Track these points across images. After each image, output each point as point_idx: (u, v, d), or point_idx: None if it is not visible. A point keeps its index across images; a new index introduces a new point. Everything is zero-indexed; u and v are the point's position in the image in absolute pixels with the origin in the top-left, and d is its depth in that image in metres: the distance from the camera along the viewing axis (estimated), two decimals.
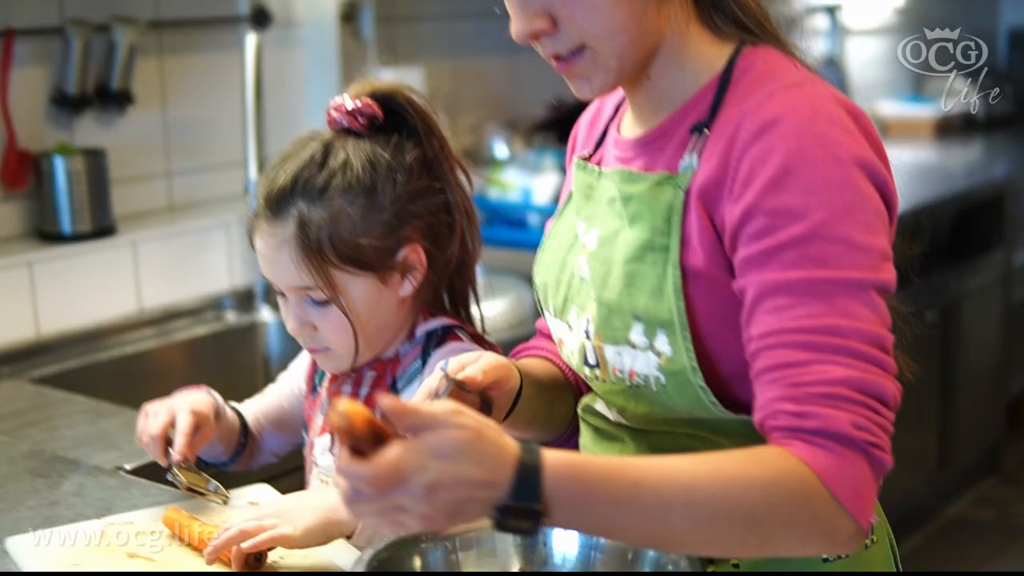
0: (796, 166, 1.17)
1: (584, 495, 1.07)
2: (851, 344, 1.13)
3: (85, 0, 2.59)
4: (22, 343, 2.43)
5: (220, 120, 2.85)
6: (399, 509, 1.04)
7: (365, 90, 1.56)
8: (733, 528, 1.11)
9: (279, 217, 1.51)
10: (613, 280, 1.27)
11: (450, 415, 1.05)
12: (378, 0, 3.11)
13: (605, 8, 1.22)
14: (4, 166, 2.51)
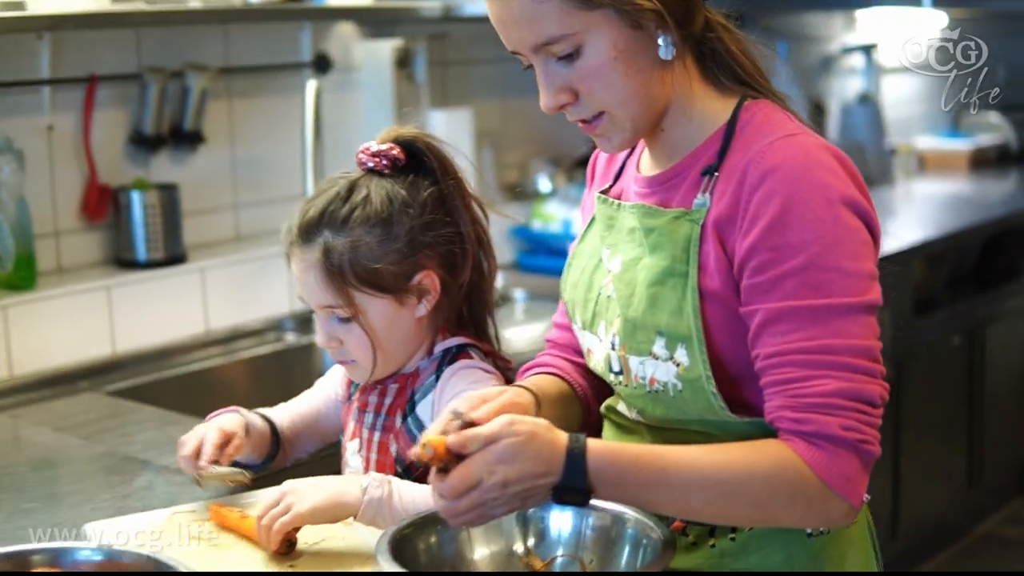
0: (794, 207, 1.39)
1: (621, 477, 1.34)
2: (843, 359, 1.36)
3: (161, 49, 2.85)
4: (99, 360, 2.68)
5: (283, 157, 3.09)
6: (483, 506, 1.31)
7: (390, 136, 1.78)
8: (740, 508, 1.38)
9: (308, 244, 1.74)
10: (637, 300, 1.49)
11: (505, 427, 1.31)
12: (430, 46, 3.33)
13: (617, 82, 1.44)
14: (86, 199, 2.78)
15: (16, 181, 2.59)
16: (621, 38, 1.42)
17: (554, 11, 1.41)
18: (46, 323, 2.61)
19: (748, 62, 1.53)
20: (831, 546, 1.52)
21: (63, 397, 2.52)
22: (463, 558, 1.45)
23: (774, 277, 1.39)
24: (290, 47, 3.13)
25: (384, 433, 1.79)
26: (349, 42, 3.24)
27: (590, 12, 1.41)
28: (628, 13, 1.41)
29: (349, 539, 1.64)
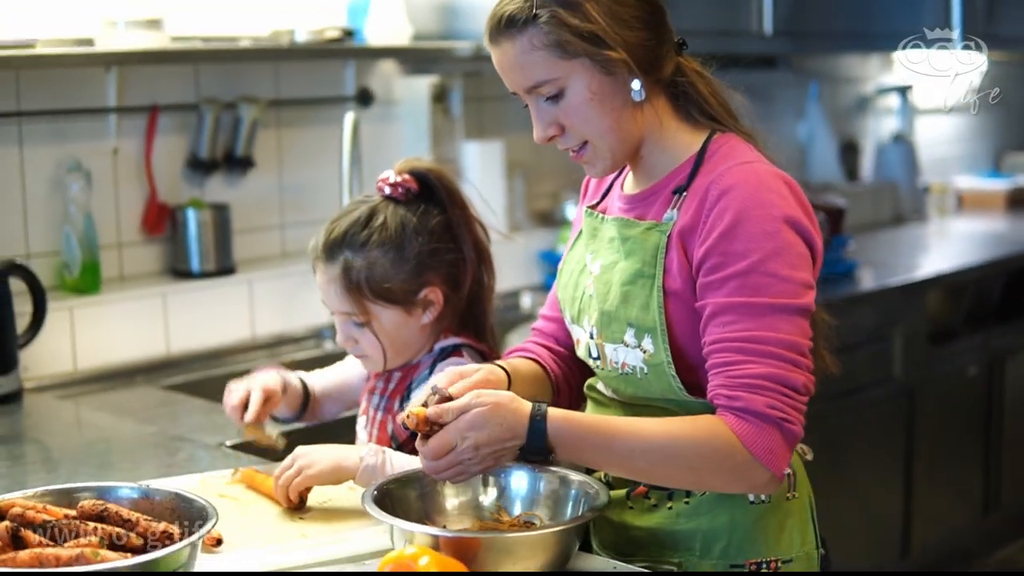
0: (742, 221, 1.63)
1: (576, 441, 1.60)
2: (772, 349, 1.60)
3: (217, 82, 3.14)
4: (155, 358, 2.98)
5: (326, 182, 3.36)
6: (460, 465, 1.58)
7: (407, 167, 2.06)
8: (676, 471, 1.63)
9: (331, 260, 2.03)
10: (612, 297, 1.74)
11: (473, 398, 1.58)
12: (466, 83, 3.59)
13: (594, 118, 1.69)
14: (146, 215, 3.07)
15: (84, 198, 2.89)
16: (595, 82, 1.68)
17: (540, 60, 1.67)
18: (108, 324, 2.90)
19: (717, 102, 1.78)
20: (770, 514, 1.74)
21: (121, 389, 2.82)
22: (438, 507, 1.71)
23: (722, 277, 1.63)
24: (335, 82, 3.40)
25: (384, 414, 2.05)
26: (390, 78, 3.51)
27: (570, 61, 1.66)
28: (601, 62, 1.67)
29: (352, 499, 1.90)
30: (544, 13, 1.64)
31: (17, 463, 2.29)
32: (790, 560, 1.74)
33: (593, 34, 1.65)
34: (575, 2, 1.65)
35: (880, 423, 3.82)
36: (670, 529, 1.74)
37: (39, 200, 2.90)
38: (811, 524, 1.80)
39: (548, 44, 1.65)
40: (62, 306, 2.83)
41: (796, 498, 1.77)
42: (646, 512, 1.75)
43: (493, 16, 1.70)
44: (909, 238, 4.82)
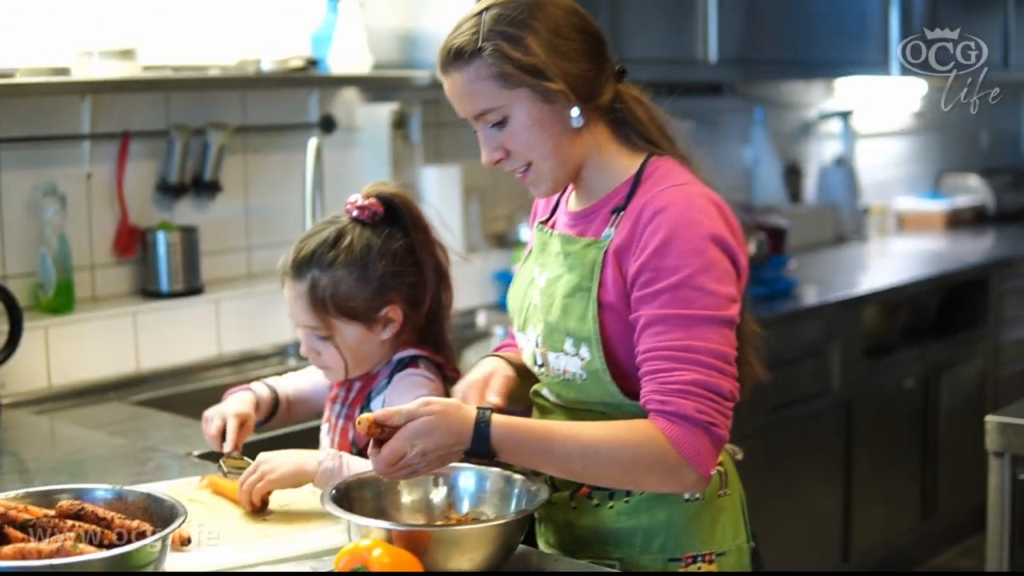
0: (673, 239, 1.78)
1: (517, 445, 1.74)
2: (700, 358, 1.75)
3: (185, 109, 3.29)
4: (125, 375, 3.12)
5: (291, 206, 3.51)
6: (408, 467, 1.71)
7: (374, 191, 2.20)
8: (611, 472, 1.77)
9: (298, 278, 2.17)
10: (554, 309, 1.89)
11: (421, 407, 1.72)
12: (424, 110, 3.75)
13: (536, 143, 1.84)
14: (117, 238, 3.21)
15: (59, 221, 3.03)
16: (536, 110, 1.82)
17: (486, 89, 1.82)
18: (80, 342, 3.04)
19: (654, 127, 1.93)
20: (704, 511, 1.90)
21: (93, 405, 2.96)
22: (393, 506, 1.86)
23: (655, 291, 1.78)
24: (299, 109, 3.56)
25: (345, 421, 2.21)
26: (352, 106, 3.67)
27: (512, 90, 1.81)
28: (541, 92, 1.82)
29: (312, 502, 2.04)
30: (488, 46, 1.79)
31: None
32: (723, 553, 1.90)
33: (533, 66, 1.79)
34: (517, 36, 1.79)
35: (820, 434, 4.00)
36: (612, 527, 1.89)
37: (15, 223, 3.03)
38: (742, 519, 1.96)
39: (492, 75, 1.80)
40: (37, 325, 2.96)
41: (728, 495, 1.93)
42: (589, 512, 1.91)
43: (443, 48, 1.85)
44: (849, 257, 5.02)
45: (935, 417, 4.49)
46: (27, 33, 2.98)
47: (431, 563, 1.66)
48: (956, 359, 4.62)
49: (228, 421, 2.20)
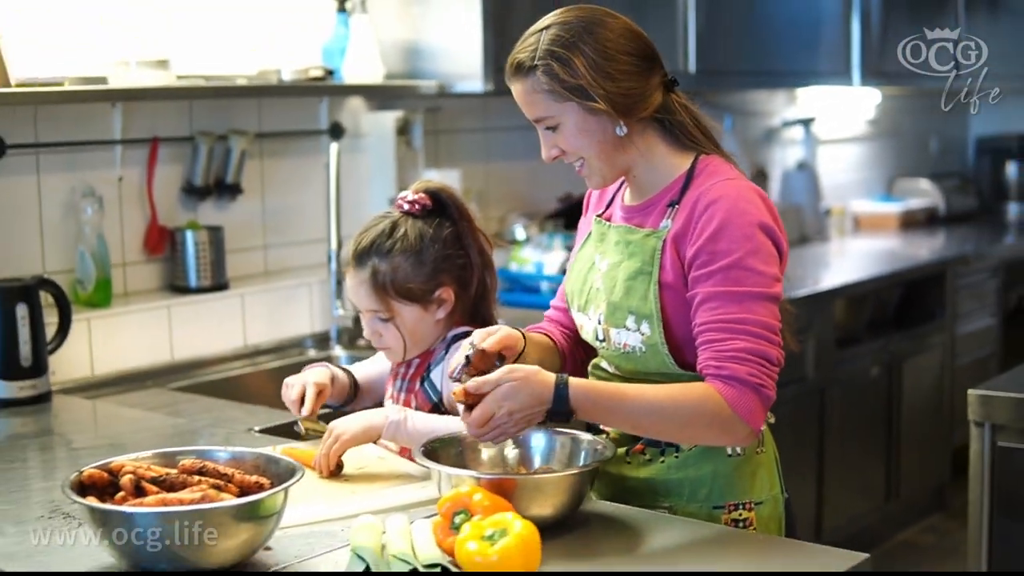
0: (725, 227, 2.02)
1: (592, 404, 1.97)
2: (751, 328, 1.99)
3: (210, 117, 3.49)
4: (162, 364, 3.32)
5: (304, 207, 3.73)
6: (498, 429, 1.94)
7: (421, 187, 2.43)
8: (674, 427, 2.01)
9: (360, 266, 2.38)
10: (617, 290, 2.12)
11: (505, 374, 1.94)
12: (426, 118, 3.97)
13: (584, 147, 2.08)
14: (147, 237, 3.40)
15: (97, 220, 3.22)
16: (582, 120, 2.07)
17: (540, 100, 2.07)
18: (119, 334, 3.23)
19: (700, 130, 2.17)
20: (745, 465, 2.14)
21: (133, 391, 3.15)
22: (473, 462, 2.08)
23: (710, 271, 2.02)
24: (311, 117, 3.77)
25: (407, 394, 2.42)
26: (358, 113, 3.89)
27: (562, 103, 2.05)
28: (586, 107, 2.05)
29: (384, 466, 2.27)
30: (541, 65, 2.04)
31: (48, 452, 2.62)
32: (761, 502, 2.14)
33: (579, 87, 2.03)
34: (566, 57, 2.03)
35: (795, 419, 4.26)
36: (662, 479, 2.13)
37: (54, 223, 3.22)
38: (777, 474, 2.20)
39: (545, 89, 2.05)
40: (80, 318, 3.14)
41: (764, 452, 2.17)
42: (642, 466, 2.15)
43: (510, 61, 2.09)
44: (813, 256, 5.30)
45: (898, 404, 4.78)
46: (67, 45, 3.17)
47: (516, 509, 1.87)
48: (917, 350, 4.92)
49: (307, 388, 2.41)
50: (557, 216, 4.36)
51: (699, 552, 1.91)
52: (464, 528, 1.77)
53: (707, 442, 2.08)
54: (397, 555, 1.75)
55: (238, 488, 1.87)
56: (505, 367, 1.97)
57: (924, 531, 4.98)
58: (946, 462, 5.14)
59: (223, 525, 1.75)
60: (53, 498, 2.19)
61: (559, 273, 3.98)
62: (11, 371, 2.92)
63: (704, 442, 2.08)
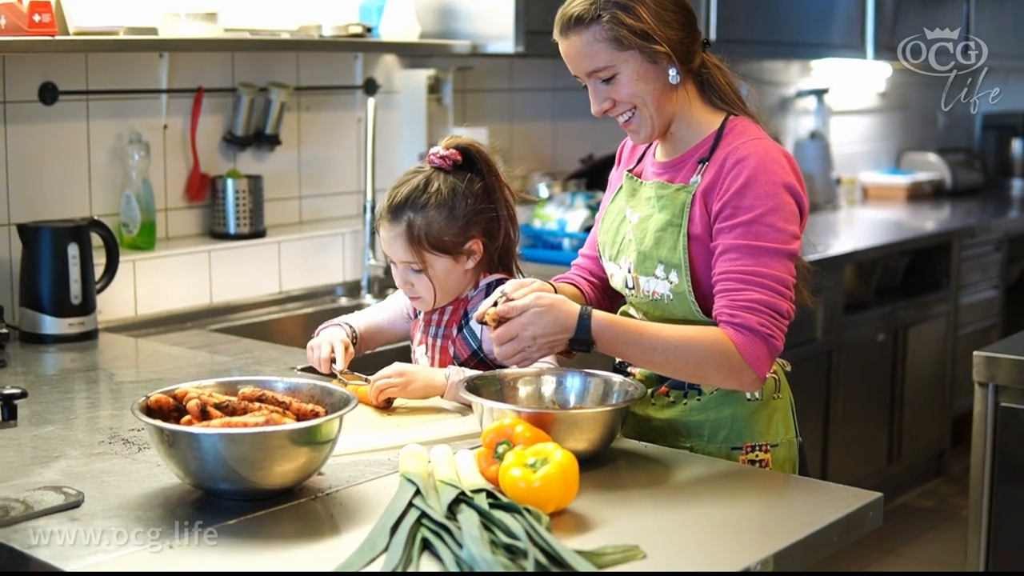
0: (751, 183, 2.14)
1: (613, 337, 2.11)
2: (765, 281, 2.12)
3: (251, 69, 3.62)
4: (202, 307, 3.47)
5: (338, 159, 3.87)
6: (522, 352, 2.09)
7: (452, 143, 2.54)
8: (687, 365, 2.14)
9: (395, 220, 2.50)
10: (647, 240, 2.25)
11: (533, 300, 2.08)
12: (456, 77, 4.10)
13: (640, 95, 2.20)
14: (189, 183, 3.54)
15: (143, 166, 3.36)
16: (642, 68, 2.19)
17: (601, 50, 2.18)
18: (162, 276, 3.38)
19: (731, 91, 2.30)
20: (762, 409, 2.28)
21: (174, 332, 3.29)
22: (512, 398, 2.22)
23: (732, 224, 2.15)
24: (346, 73, 3.90)
25: (444, 340, 2.55)
26: (392, 70, 4.01)
27: (623, 52, 2.17)
28: (648, 53, 2.17)
29: (429, 403, 2.42)
30: (606, 14, 2.15)
31: (98, 385, 2.77)
32: (777, 445, 2.28)
33: (644, 32, 2.15)
34: (629, 5, 2.15)
35: (804, 380, 4.39)
36: (684, 420, 2.28)
37: (101, 168, 3.35)
38: (792, 419, 2.34)
39: (608, 38, 2.16)
40: (125, 260, 3.28)
41: (780, 398, 2.31)
42: (666, 407, 2.29)
43: (563, 15, 2.20)
44: (823, 223, 5.43)
45: (902, 371, 4.93)
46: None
47: (553, 442, 2.02)
48: (922, 318, 5.06)
49: (336, 346, 2.54)
50: (579, 176, 4.49)
51: (719, 487, 2.04)
52: (507, 456, 1.91)
53: (715, 383, 2.21)
54: (444, 480, 1.90)
55: (295, 415, 1.99)
56: (533, 294, 2.10)
57: (924, 495, 5.14)
58: (947, 429, 5.30)
59: (282, 448, 1.87)
60: (111, 425, 2.34)
61: (581, 231, 4.12)
62: (61, 308, 3.06)
63: (712, 383, 2.21)
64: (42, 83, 3.19)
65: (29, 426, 2.31)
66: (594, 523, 1.85)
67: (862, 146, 6.35)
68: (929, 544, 4.64)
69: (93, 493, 1.93)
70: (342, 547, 1.74)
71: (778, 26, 4.92)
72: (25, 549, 1.73)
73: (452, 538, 1.72)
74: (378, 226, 2.56)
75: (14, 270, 3.13)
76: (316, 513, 1.90)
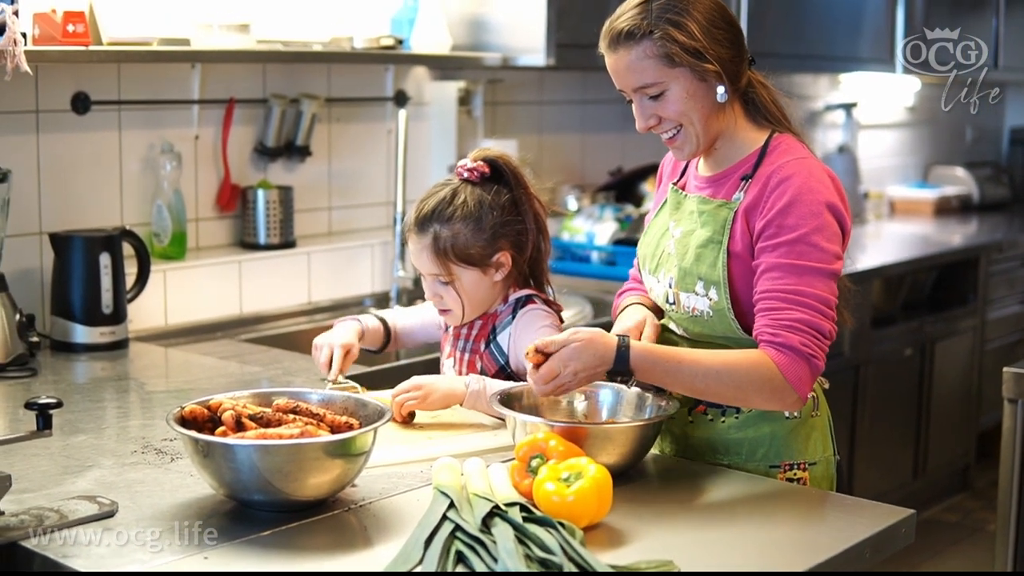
0: (795, 203, 2.13)
1: (651, 366, 2.09)
2: (808, 301, 2.10)
3: (283, 80, 3.63)
4: (231, 317, 3.48)
5: (367, 171, 3.88)
6: (562, 387, 2.08)
7: (480, 155, 2.54)
8: (727, 390, 2.12)
9: (422, 232, 2.50)
10: (688, 256, 2.24)
11: (571, 335, 2.08)
12: (486, 89, 4.11)
13: (687, 114, 2.18)
14: (220, 194, 3.56)
15: (175, 176, 3.37)
16: (692, 86, 2.17)
17: (650, 67, 2.16)
18: (192, 286, 3.39)
19: (776, 108, 2.29)
20: (800, 427, 2.27)
21: (204, 342, 3.30)
22: (546, 409, 2.23)
23: (775, 243, 2.13)
24: (377, 84, 3.91)
25: (471, 354, 2.55)
26: (422, 82, 4.03)
27: (673, 69, 2.15)
28: (698, 71, 2.16)
29: (455, 415, 2.42)
30: (657, 31, 2.14)
31: (128, 394, 2.78)
32: (815, 463, 2.27)
33: (695, 49, 2.13)
34: (681, 22, 2.13)
35: (831, 394, 4.36)
36: (723, 438, 2.27)
37: (133, 178, 3.37)
38: (830, 436, 2.33)
39: (658, 55, 2.14)
40: (156, 269, 3.29)
41: (818, 416, 2.31)
42: (703, 425, 2.28)
43: (612, 29, 2.19)
44: (851, 237, 5.40)
45: (929, 385, 4.91)
46: (156, 7, 3.30)
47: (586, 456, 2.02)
48: (949, 332, 5.05)
49: (335, 350, 2.55)
50: (608, 189, 4.49)
51: (752, 503, 2.04)
52: (541, 471, 1.92)
53: (757, 406, 2.19)
54: (478, 493, 1.90)
55: (329, 427, 2.00)
56: (570, 329, 2.11)
57: (948, 510, 5.12)
58: (972, 443, 5.28)
59: (317, 460, 1.88)
60: (143, 434, 2.35)
61: (610, 244, 4.12)
62: (93, 317, 3.08)
63: (754, 406, 2.20)
64: (75, 93, 3.21)
65: (61, 435, 2.32)
66: (627, 538, 1.85)
67: (890, 160, 6.34)
68: (954, 559, 4.62)
69: (127, 503, 1.94)
70: (375, 559, 1.75)
71: (807, 39, 4.91)
72: (60, 558, 1.75)
73: (487, 551, 1.72)
74: (406, 238, 2.57)
75: (45, 279, 3.15)
76: (349, 525, 1.91)
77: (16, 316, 2.92)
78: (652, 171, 4.49)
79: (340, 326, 2.64)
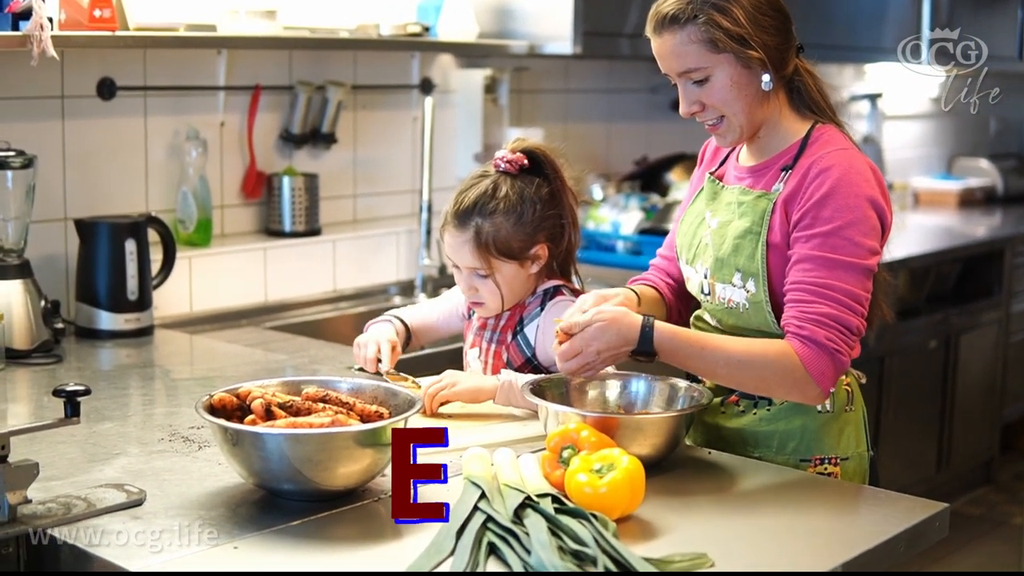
0: (832, 195, 2.10)
1: (675, 348, 2.09)
2: (837, 296, 2.08)
3: (309, 67, 3.62)
4: (256, 304, 3.47)
5: (393, 158, 3.87)
6: (587, 365, 2.08)
7: (518, 146, 2.51)
8: (749, 379, 2.12)
9: (463, 226, 2.46)
10: (725, 247, 2.22)
11: (596, 314, 2.07)
12: (512, 77, 4.09)
13: (732, 101, 2.15)
14: (245, 181, 3.54)
15: (200, 163, 3.36)
16: (736, 73, 2.14)
17: (694, 52, 2.13)
18: (217, 273, 3.38)
19: (821, 98, 2.25)
20: (833, 421, 2.24)
21: (229, 329, 3.29)
22: (576, 402, 2.21)
23: (810, 234, 2.11)
24: (402, 72, 3.89)
25: (498, 345, 2.53)
26: (448, 70, 4.01)
27: (718, 55, 2.12)
28: (743, 58, 2.13)
29: (485, 406, 2.40)
30: (702, 15, 2.11)
31: (155, 381, 2.77)
32: (847, 458, 2.25)
33: (740, 36, 2.10)
34: (726, 7, 2.10)
35: None
36: (753, 430, 2.25)
37: (158, 164, 3.36)
38: (864, 432, 2.30)
39: (702, 40, 2.12)
40: (181, 256, 3.28)
41: (853, 411, 2.28)
42: (735, 416, 2.27)
43: (657, 12, 2.16)
44: None
45: (953, 378, 4.88)
46: None
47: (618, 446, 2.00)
48: (973, 325, 5.02)
49: (383, 346, 2.53)
50: (634, 178, 4.47)
51: (786, 496, 2.02)
52: (573, 461, 1.90)
53: (778, 396, 2.18)
54: (509, 484, 1.88)
55: (359, 416, 1.99)
56: (595, 308, 2.09)
57: (972, 503, 5.10)
58: (996, 436, 5.25)
59: (347, 449, 1.87)
60: (170, 422, 2.34)
61: (635, 233, 4.10)
62: (118, 304, 3.07)
63: (775, 396, 2.19)
64: (100, 78, 3.20)
65: (88, 423, 2.30)
66: (660, 530, 1.84)
67: (914, 151, 6.30)
68: (978, 552, 4.60)
69: (155, 491, 1.93)
70: (405, 549, 1.73)
71: (832, 30, 4.88)
72: (88, 547, 1.74)
73: (519, 543, 1.71)
74: (443, 231, 2.52)
75: (70, 265, 3.14)
76: (379, 515, 1.89)
77: (41, 302, 2.91)
78: (678, 160, 4.47)
79: (377, 326, 2.61)
